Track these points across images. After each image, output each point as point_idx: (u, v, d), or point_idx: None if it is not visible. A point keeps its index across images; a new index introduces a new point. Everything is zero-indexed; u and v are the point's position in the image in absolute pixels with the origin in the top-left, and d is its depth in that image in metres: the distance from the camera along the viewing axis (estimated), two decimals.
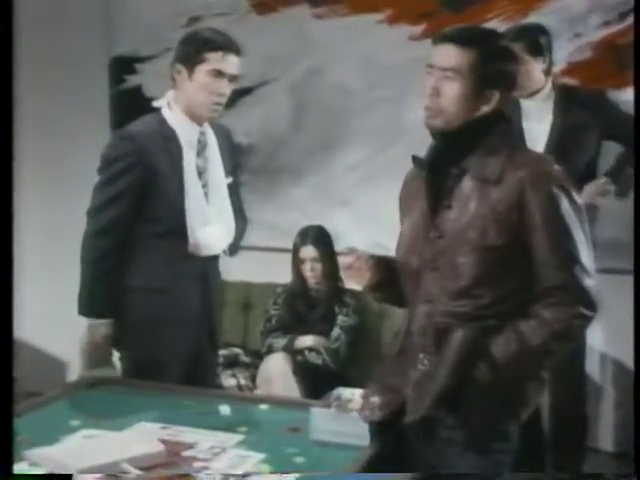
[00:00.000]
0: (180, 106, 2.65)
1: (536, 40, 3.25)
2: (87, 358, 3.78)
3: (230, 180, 2.78)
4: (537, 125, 3.26)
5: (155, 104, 2.70)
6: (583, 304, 1.90)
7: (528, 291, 1.93)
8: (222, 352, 3.83)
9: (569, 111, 3.26)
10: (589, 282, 1.91)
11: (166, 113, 2.66)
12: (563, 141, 3.21)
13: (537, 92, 3.28)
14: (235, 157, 2.92)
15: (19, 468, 1.86)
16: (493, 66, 1.95)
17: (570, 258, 1.90)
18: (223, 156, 2.75)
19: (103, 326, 2.64)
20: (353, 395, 2.24)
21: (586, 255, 1.92)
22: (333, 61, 4.00)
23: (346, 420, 2.10)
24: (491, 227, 1.91)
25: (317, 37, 4.02)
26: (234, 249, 2.83)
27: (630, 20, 3.52)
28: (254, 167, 4.21)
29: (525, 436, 2.03)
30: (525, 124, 3.26)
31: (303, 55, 4.06)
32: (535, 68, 3.25)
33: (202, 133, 2.69)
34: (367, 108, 3.95)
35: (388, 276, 2.09)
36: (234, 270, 4.03)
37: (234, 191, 2.82)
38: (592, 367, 3.68)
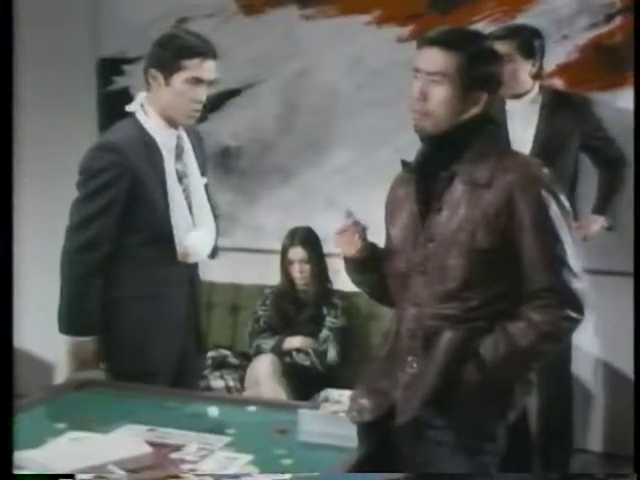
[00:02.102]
0: (155, 110, 2.59)
1: (530, 42, 3.25)
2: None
3: (205, 181, 2.74)
4: (522, 130, 3.26)
5: (128, 109, 2.63)
6: (571, 306, 1.91)
7: (517, 293, 1.94)
8: (210, 354, 3.83)
9: (554, 118, 3.26)
10: (577, 285, 1.92)
11: (141, 118, 2.59)
12: (546, 148, 3.22)
13: (523, 95, 3.28)
14: (205, 157, 2.84)
15: None
16: (480, 68, 1.95)
17: (558, 261, 1.91)
18: (197, 157, 2.71)
19: (91, 343, 2.58)
20: (341, 397, 2.25)
21: (574, 258, 1.93)
22: (321, 62, 4.00)
23: (334, 422, 2.10)
24: (481, 230, 1.91)
25: (305, 38, 4.01)
26: (215, 251, 2.78)
27: (617, 22, 3.54)
28: (242, 169, 4.21)
29: (512, 437, 2.03)
30: (510, 127, 3.27)
31: (291, 56, 4.06)
32: (524, 69, 3.25)
33: (179, 137, 2.65)
34: (355, 109, 3.95)
35: (375, 260, 2.09)
36: (222, 272, 4.04)
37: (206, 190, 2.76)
38: (583, 369, 3.69)
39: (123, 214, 2.54)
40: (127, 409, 2.33)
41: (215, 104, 4.17)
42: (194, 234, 2.63)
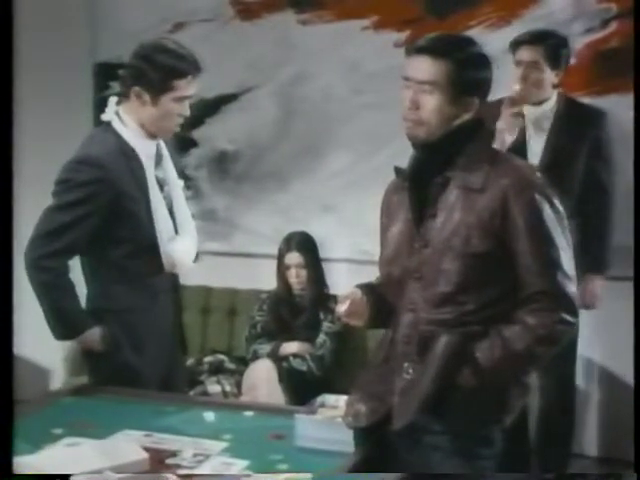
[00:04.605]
0: (134, 121, 2.54)
1: (557, 52, 3.22)
2: (70, 366, 3.76)
3: (182, 184, 2.71)
4: (537, 137, 3.25)
5: (104, 117, 2.58)
6: (565, 310, 1.91)
7: (512, 297, 1.94)
8: (207, 358, 3.83)
9: (567, 127, 3.24)
10: (571, 288, 1.92)
11: (119, 128, 2.55)
12: (557, 157, 3.21)
13: (542, 102, 3.27)
14: (179, 158, 2.80)
15: None
16: (470, 73, 1.95)
17: (552, 264, 1.91)
18: (173, 160, 2.68)
19: (92, 335, 2.56)
20: (338, 402, 2.25)
21: (568, 261, 1.93)
22: (318, 67, 4.01)
23: (331, 427, 2.10)
24: (475, 235, 1.92)
25: (302, 43, 4.02)
26: (196, 256, 2.75)
27: (613, 27, 3.55)
28: (239, 173, 4.21)
29: (510, 441, 2.04)
30: (527, 133, 3.26)
31: (288, 61, 4.06)
32: (548, 79, 3.22)
33: (158, 144, 2.61)
34: (352, 114, 3.96)
35: (380, 303, 2.08)
36: (219, 276, 4.04)
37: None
38: (579, 373, 3.69)
39: (104, 228, 2.50)
40: (123, 414, 2.33)
41: (212, 109, 4.18)
42: (179, 243, 2.61)
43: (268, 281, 3.70)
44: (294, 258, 3.61)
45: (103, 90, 4.38)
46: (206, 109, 4.16)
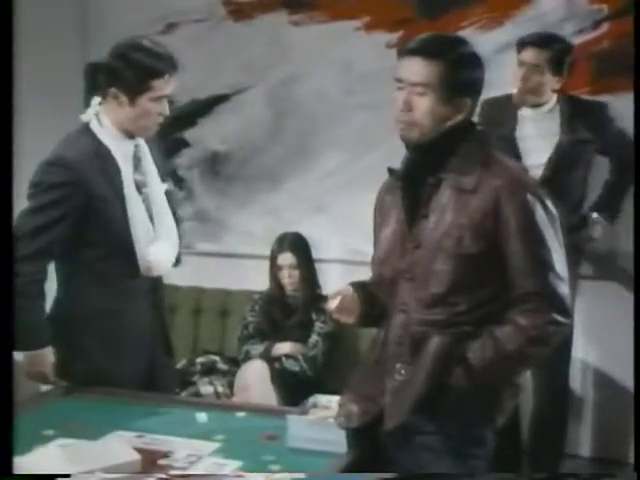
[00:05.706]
0: (112, 122, 2.51)
1: (561, 59, 3.21)
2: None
3: (167, 186, 2.68)
4: (537, 139, 3.26)
5: (83, 118, 2.56)
6: (557, 310, 1.92)
7: (503, 298, 1.94)
8: (200, 359, 3.82)
9: (571, 127, 3.25)
10: (563, 289, 1.93)
11: (96, 129, 2.52)
12: (564, 157, 3.22)
13: (541, 105, 3.27)
14: (165, 159, 2.77)
15: None
16: (462, 74, 1.96)
17: (544, 265, 1.92)
18: (156, 163, 2.64)
19: (46, 355, 2.52)
20: (330, 402, 2.25)
21: (560, 262, 1.94)
22: (310, 68, 4.01)
23: (323, 427, 2.10)
24: (467, 235, 1.92)
25: (294, 44, 4.02)
26: (178, 260, 2.70)
27: (605, 28, 3.56)
28: (231, 174, 4.21)
29: (502, 441, 2.04)
30: (522, 135, 3.26)
31: (280, 62, 4.06)
32: (549, 84, 3.23)
33: (136, 146, 2.58)
34: (344, 115, 3.96)
35: (371, 301, 2.09)
36: (211, 277, 4.04)
37: (168, 197, 2.70)
38: (573, 374, 3.70)
39: (78, 230, 2.47)
40: (115, 415, 2.32)
41: (204, 109, 4.18)
42: (156, 247, 2.57)
43: (260, 282, 3.70)
44: (287, 259, 3.61)
45: (93, 91, 4.37)
46: (198, 109, 4.16)
